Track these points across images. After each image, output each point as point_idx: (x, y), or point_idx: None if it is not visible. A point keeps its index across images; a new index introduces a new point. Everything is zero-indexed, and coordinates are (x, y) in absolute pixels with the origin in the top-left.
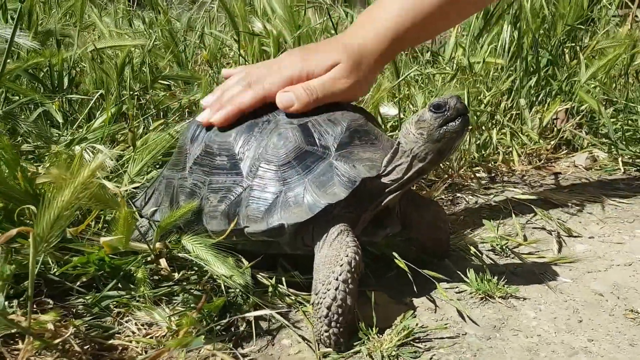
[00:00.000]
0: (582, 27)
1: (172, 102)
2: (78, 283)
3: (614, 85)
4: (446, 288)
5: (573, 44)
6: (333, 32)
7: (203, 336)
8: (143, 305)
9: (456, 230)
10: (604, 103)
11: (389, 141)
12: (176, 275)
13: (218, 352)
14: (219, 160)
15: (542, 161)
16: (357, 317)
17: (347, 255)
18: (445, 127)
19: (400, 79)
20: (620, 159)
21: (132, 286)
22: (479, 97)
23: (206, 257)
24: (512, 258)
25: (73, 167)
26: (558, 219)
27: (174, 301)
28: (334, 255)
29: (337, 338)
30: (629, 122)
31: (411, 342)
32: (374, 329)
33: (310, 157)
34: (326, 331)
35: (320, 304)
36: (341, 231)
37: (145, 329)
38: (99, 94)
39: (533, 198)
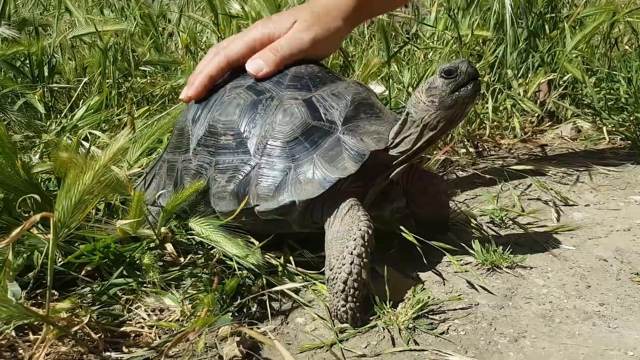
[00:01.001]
0: None
1: (154, 89)
2: (83, 272)
3: (595, 54)
4: (451, 261)
5: (553, 15)
6: None
7: (230, 313)
8: (151, 290)
9: (453, 204)
10: (587, 73)
11: (392, 114)
12: (182, 260)
13: (244, 328)
14: (224, 140)
15: (528, 134)
16: (371, 292)
17: (360, 230)
18: (457, 93)
19: (392, 55)
20: (604, 128)
21: (138, 273)
22: None
23: (216, 239)
24: (513, 229)
25: (85, 152)
26: (551, 189)
27: (182, 285)
28: (346, 230)
29: (353, 313)
30: (611, 91)
31: (426, 315)
32: (388, 303)
33: (317, 132)
34: (343, 306)
35: (336, 279)
36: (352, 206)
37: (156, 314)
38: (83, 82)
39: (529, 168)
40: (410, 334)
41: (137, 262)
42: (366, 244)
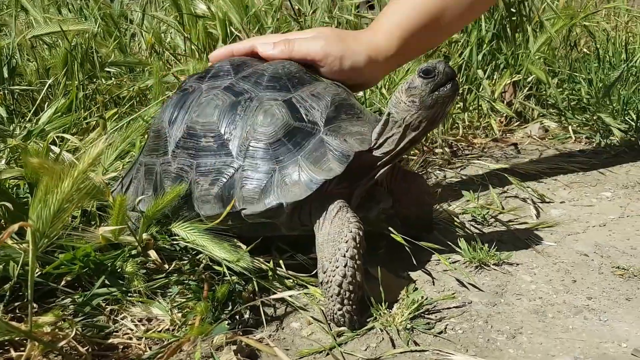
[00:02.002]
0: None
1: (121, 91)
2: (62, 283)
3: (556, 56)
4: (438, 260)
5: (514, 18)
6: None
7: (225, 321)
8: (137, 300)
9: (434, 203)
10: (550, 74)
11: (372, 115)
12: (166, 267)
13: (242, 337)
14: (204, 142)
15: (499, 134)
16: (366, 293)
17: (350, 231)
18: (436, 92)
19: None
20: (570, 127)
21: (121, 282)
22: None
23: (203, 243)
24: (495, 226)
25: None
26: (528, 187)
27: (169, 293)
28: (337, 232)
29: (350, 316)
30: (573, 92)
31: (422, 315)
32: (383, 304)
33: (300, 134)
34: (339, 309)
35: (330, 282)
36: (340, 208)
37: (143, 324)
38: (47, 84)
39: (504, 167)
40: (409, 334)
41: (119, 270)
42: (358, 245)
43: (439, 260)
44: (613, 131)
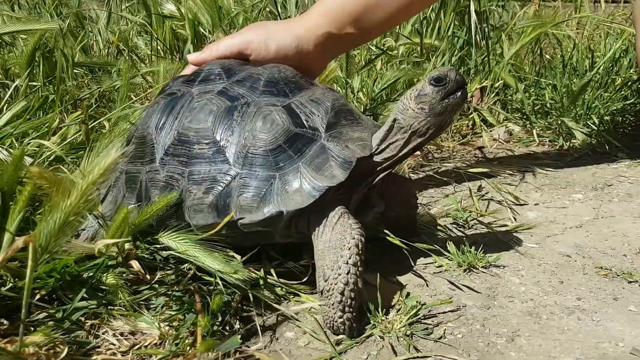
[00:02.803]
0: (496, 8)
1: (85, 93)
2: (37, 297)
3: (523, 63)
4: (426, 263)
5: (484, 25)
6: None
7: (239, 335)
8: (120, 313)
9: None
10: (518, 80)
11: (370, 119)
12: (148, 278)
13: (256, 352)
14: (197, 149)
15: (466, 137)
16: (364, 300)
17: (353, 238)
18: (447, 100)
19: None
20: (534, 131)
21: (100, 294)
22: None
23: (194, 253)
24: (476, 229)
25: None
26: (502, 189)
27: (152, 306)
28: (339, 239)
29: (350, 323)
30: (538, 97)
31: (419, 320)
32: (380, 311)
33: (301, 140)
34: (340, 317)
35: (332, 290)
36: (341, 214)
37: (126, 338)
38: (14, 86)
39: (483, 170)
40: (409, 340)
41: (96, 282)
42: (360, 252)
43: (427, 263)
44: (576, 135)
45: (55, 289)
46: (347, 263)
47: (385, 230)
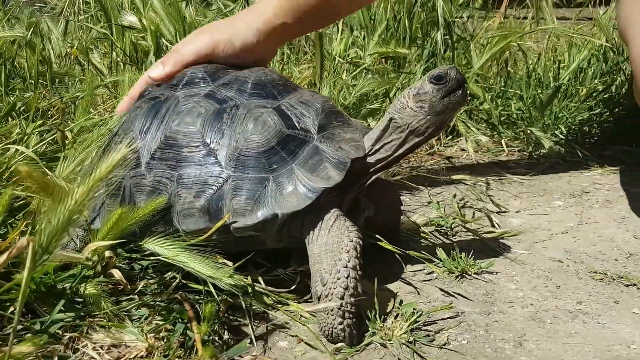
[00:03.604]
0: (461, 19)
1: (44, 103)
2: (11, 309)
3: (489, 73)
4: (415, 271)
5: (447, 37)
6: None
7: (247, 341)
8: (102, 324)
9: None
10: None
11: (358, 122)
12: (130, 288)
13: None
14: (187, 152)
15: (434, 148)
16: (361, 307)
17: (351, 241)
18: (447, 99)
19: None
20: (502, 141)
21: (77, 305)
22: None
23: (184, 259)
24: (461, 236)
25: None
26: (483, 197)
27: (134, 317)
28: (336, 242)
29: (351, 330)
30: (505, 107)
31: (419, 327)
32: (379, 318)
33: (293, 141)
34: (340, 323)
35: (331, 294)
36: (337, 217)
37: (108, 352)
38: None
39: (458, 179)
40: (412, 347)
41: (72, 293)
42: (359, 255)
43: (416, 271)
44: (544, 144)
45: (29, 301)
46: (346, 267)
47: (377, 235)
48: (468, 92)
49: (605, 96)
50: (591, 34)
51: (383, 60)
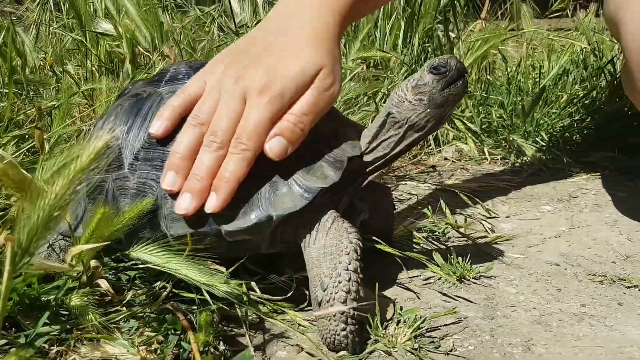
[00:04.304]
0: (441, 25)
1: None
2: None
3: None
4: (412, 276)
5: (429, 45)
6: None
7: (252, 348)
8: (90, 337)
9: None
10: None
11: (351, 120)
12: (117, 299)
13: None
14: None
15: (417, 157)
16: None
17: (351, 242)
18: (447, 90)
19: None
20: (485, 148)
21: (62, 319)
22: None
23: (175, 266)
24: (454, 242)
25: None
26: (474, 202)
27: (124, 329)
28: (335, 245)
29: (354, 337)
30: (486, 115)
31: (422, 334)
32: (381, 324)
33: None
34: (343, 330)
35: (333, 299)
36: (334, 218)
37: None
38: None
39: (445, 186)
40: (418, 354)
41: (57, 305)
42: (359, 257)
43: (413, 276)
44: (526, 151)
45: (12, 314)
46: (347, 270)
47: (374, 238)
48: (468, 82)
49: (585, 102)
50: (572, 38)
51: (365, 66)
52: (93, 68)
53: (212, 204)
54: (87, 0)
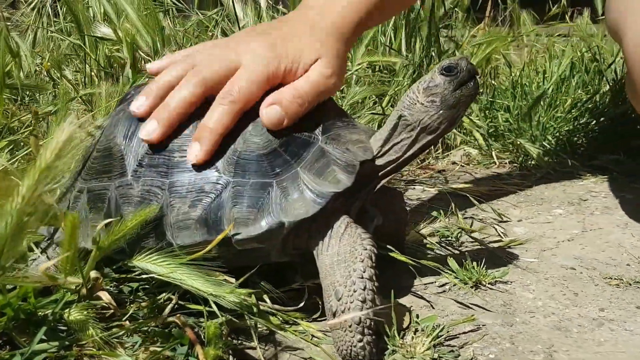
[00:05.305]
0: (445, 30)
1: (14, 121)
2: None
3: None
4: (427, 283)
5: (433, 49)
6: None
7: None
8: (91, 353)
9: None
10: None
11: (361, 124)
12: (120, 311)
13: None
14: (179, 157)
15: (425, 162)
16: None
17: (365, 249)
18: (459, 91)
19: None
20: (493, 152)
21: (61, 334)
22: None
23: (180, 277)
24: (467, 246)
25: None
26: (486, 206)
27: (127, 344)
28: (349, 252)
29: (371, 348)
30: (492, 119)
31: (441, 343)
32: (398, 334)
33: (297, 143)
34: (360, 341)
35: (348, 309)
36: (347, 224)
37: None
38: None
39: (454, 191)
40: None
41: (54, 321)
42: (374, 264)
43: (428, 283)
44: (534, 155)
45: (6, 330)
46: (362, 277)
47: (388, 246)
48: (479, 83)
49: (589, 106)
50: (572, 43)
51: (371, 70)
52: (92, 73)
53: (195, 153)
54: (85, 4)
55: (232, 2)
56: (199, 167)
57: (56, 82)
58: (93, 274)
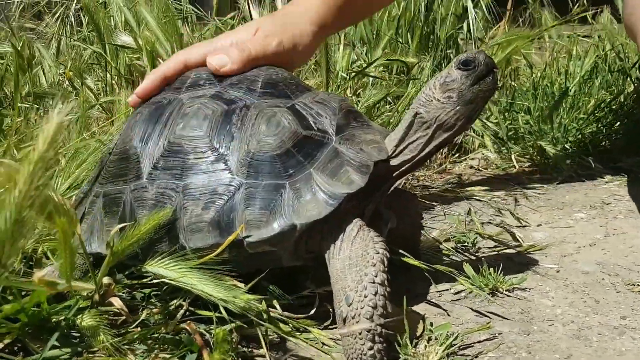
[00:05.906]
0: (461, 32)
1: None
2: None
3: None
4: (442, 290)
5: (451, 51)
6: None
7: None
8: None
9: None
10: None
11: (376, 124)
12: (132, 319)
13: None
14: (193, 159)
15: (442, 166)
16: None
17: (377, 252)
18: (477, 86)
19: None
20: (512, 156)
21: (73, 341)
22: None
23: (191, 281)
24: (484, 252)
25: None
26: (506, 210)
27: (138, 351)
28: (361, 255)
29: (381, 356)
30: (512, 121)
31: (455, 352)
32: (410, 342)
33: (310, 143)
34: (370, 349)
35: (359, 315)
36: (360, 227)
37: None
38: None
39: (472, 195)
40: None
41: (67, 327)
42: (386, 269)
43: (442, 290)
44: (555, 158)
45: (20, 336)
46: (373, 282)
47: (401, 251)
48: (498, 78)
49: (613, 107)
50: (596, 42)
51: (387, 72)
52: (113, 81)
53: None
54: (107, 13)
55: (248, 5)
56: (212, 169)
57: (78, 90)
58: (105, 280)
